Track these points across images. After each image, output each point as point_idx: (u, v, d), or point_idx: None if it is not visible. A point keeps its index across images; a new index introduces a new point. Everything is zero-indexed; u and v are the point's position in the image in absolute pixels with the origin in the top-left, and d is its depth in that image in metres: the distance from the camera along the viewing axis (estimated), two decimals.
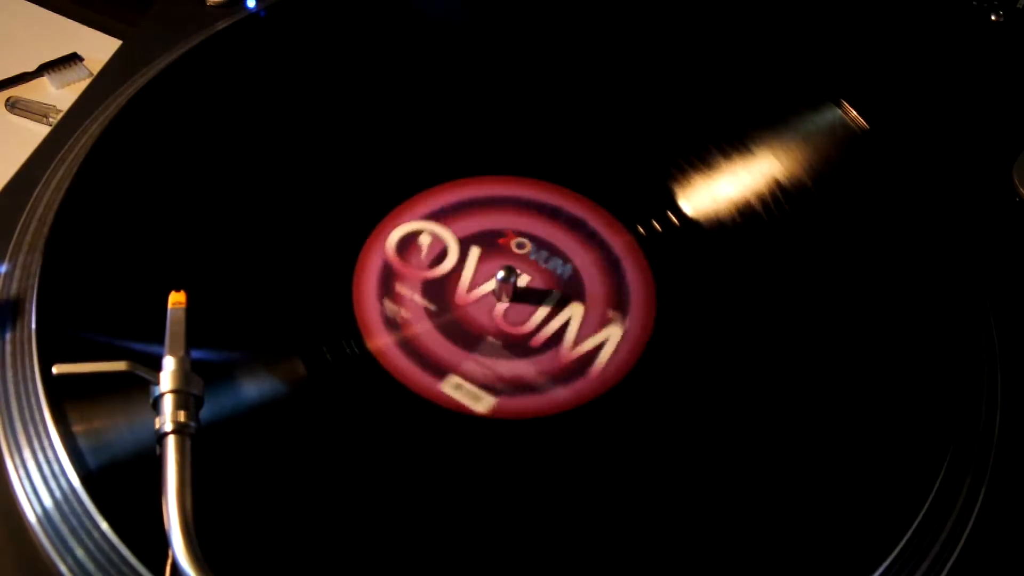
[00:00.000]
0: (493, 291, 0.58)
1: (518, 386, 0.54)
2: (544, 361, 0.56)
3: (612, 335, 0.57)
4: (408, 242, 0.60)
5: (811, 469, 0.52)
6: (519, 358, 0.56)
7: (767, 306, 0.58)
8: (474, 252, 0.60)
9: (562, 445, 0.53)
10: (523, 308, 0.58)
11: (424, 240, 0.60)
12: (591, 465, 0.52)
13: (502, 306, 0.58)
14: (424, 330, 0.56)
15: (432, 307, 0.57)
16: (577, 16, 0.71)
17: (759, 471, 0.52)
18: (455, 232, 0.60)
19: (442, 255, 0.60)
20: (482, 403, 0.54)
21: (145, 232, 0.57)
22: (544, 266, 0.59)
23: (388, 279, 0.58)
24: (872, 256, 0.60)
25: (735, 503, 0.51)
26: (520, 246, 0.60)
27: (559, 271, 0.59)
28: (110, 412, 0.49)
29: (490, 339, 0.56)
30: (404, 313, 0.57)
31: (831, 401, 0.54)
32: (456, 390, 0.54)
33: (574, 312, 0.58)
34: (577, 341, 0.56)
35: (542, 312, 0.58)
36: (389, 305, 0.56)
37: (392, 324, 0.56)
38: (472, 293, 0.58)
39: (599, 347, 0.56)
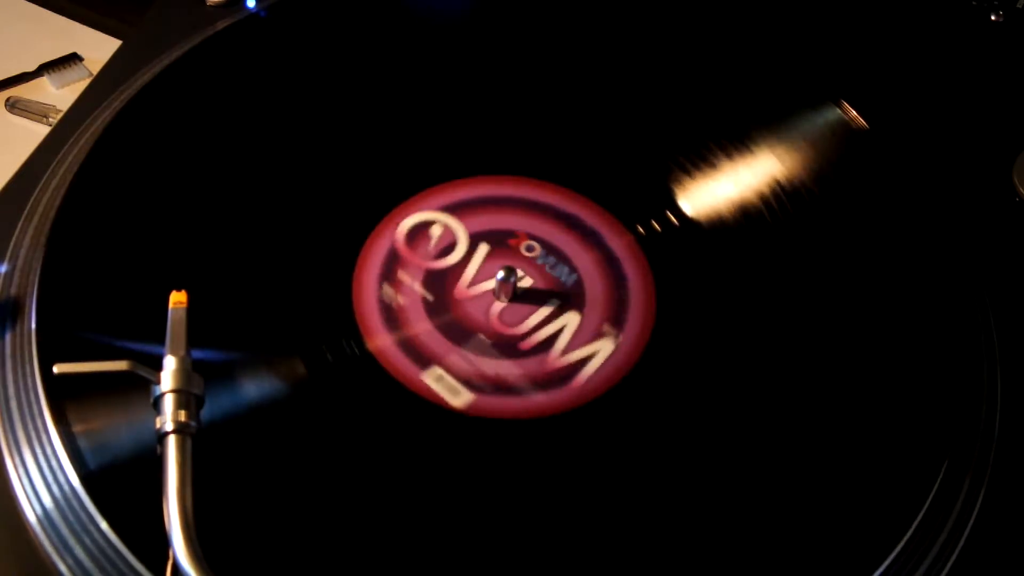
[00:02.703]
0: (492, 290, 0.58)
1: (499, 386, 0.54)
2: (530, 365, 0.55)
3: (603, 349, 0.56)
4: (418, 232, 0.60)
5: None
6: (505, 358, 0.56)
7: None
8: (482, 249, 0.60)
9: (549, 448, 0.53)
10: (520, 309, 0.58)
11: (435, 231, 0.60)
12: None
13: (499, 305, 0.58)
14: (416, 319, 0.56)
15: (430, 297, 0.57)
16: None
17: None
18: (467, 227, 0.60)
19: (450, 248, 0.60)
20: (460, 398, 0.53)
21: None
22: (550, 272, 0.59)
23: (392, 264, 0.58)
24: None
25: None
26: (529, 249, 0.60)
27: (564, 279, 0.59)
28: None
29: (481, 336, 0.56)
30: (400, 299, 0.57)
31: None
32: (437, 382, 0.54)
33: (569, 321, 0.57)
34: (566, 350, 0.56)
35: (537, 316, 0.57)
36: (387, 289, 0.56)
37: (387, 310, 0.56)
38: (472, 289, 0.58)
39: (587, 359, 0.56)
